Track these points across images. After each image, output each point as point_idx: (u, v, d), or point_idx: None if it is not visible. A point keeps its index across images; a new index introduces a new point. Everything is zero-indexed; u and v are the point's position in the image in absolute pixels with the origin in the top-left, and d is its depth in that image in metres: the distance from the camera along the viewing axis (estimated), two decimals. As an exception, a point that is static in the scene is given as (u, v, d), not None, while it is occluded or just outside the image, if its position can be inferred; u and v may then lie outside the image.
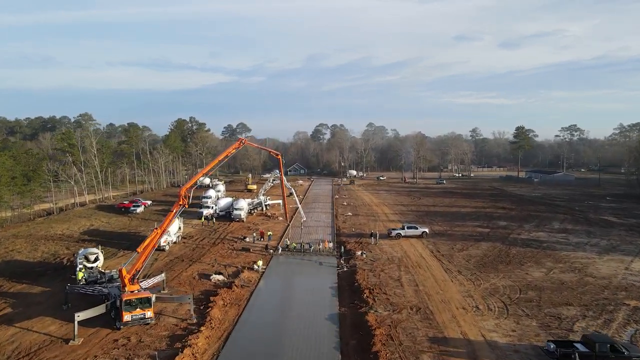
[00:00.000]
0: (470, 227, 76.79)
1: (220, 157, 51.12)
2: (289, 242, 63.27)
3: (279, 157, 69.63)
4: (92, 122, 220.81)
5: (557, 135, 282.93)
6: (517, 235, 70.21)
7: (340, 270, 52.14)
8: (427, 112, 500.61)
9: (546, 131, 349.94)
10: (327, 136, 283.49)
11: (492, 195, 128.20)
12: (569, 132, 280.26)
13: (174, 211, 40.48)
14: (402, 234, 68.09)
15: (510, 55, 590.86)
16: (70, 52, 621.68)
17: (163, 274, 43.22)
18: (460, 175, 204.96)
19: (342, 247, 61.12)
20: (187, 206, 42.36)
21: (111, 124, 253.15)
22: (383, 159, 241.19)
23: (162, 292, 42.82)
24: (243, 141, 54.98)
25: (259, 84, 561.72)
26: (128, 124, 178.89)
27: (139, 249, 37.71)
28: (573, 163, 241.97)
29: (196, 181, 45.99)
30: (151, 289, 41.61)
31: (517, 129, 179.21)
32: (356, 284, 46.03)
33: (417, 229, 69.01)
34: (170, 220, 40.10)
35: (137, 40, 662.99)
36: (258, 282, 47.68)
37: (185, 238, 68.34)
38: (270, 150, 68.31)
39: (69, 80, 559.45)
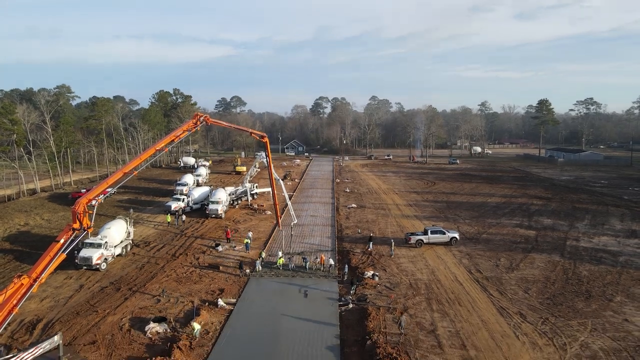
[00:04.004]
0: (508, 228, 60.01)
1: (159, 145, 33.94)
2: (279, 255, 46.76)
3: (265, 140, 52.32)
4: (70, 95, 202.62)
5: (571, 110, 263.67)
6: (576, 241, 53.52)
7: (344, 308, 35.65)
8: (433, 86, 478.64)
9: (557, 105, 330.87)
10: (328, 110, 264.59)
11: (517, 179, 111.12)
12: (584, 105, 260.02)
13: (61, 242, 23.56)
14: (425, 241, 51.45)
15: (524, 28, 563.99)
16: (77, 24, 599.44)
17: (57, 337, 26.57)
18: (485, 152, 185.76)
19: (347, 264, 44.44)
20: (90, 230, 25.49)
21: (94, 97, 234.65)
22: (388, 135, 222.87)
23: (57, 364, 26.44)
24: (202, 118, 37.66)
25: (266, 57, 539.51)
26: (121, 97, 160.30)
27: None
28: (592, 139, 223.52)
29: (103, 191, 28.76)
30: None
31: (540, 102, 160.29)
32: (369, 341, 29.52)
33: (444, 234, 52.24)
34: (48, 265, 23.18)
35: (145, 12, 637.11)
36: (219, 334, 31.19)
37: (138, 245, 51.75)
38: (251, 130, 51.01)
39: (75, 53, 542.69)
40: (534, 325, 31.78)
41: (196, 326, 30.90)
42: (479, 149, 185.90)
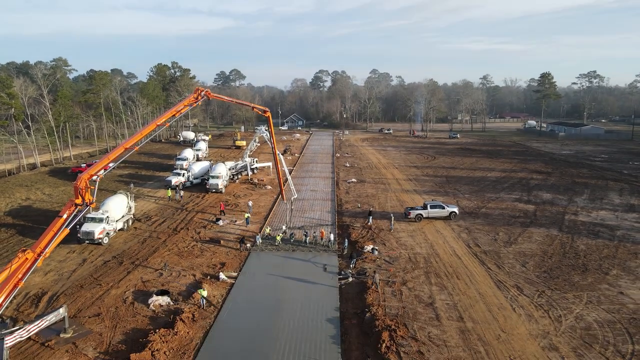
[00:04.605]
0: (508, 203, 60.32)
1: (160, 120, 33.81)
2: (284, 228, 47.25)
3: (268, 114, 51.84)
4: (67, 68, 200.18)
5: (574, 83, 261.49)
6: (574, 216, 53.88)
7: (344, 282, 36.18)
8: (434, 58, 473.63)
9: (559, 79, 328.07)
10: (328, 84, 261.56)
11: (518, 153, 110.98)
12: (587, 79, 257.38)
13: (64, 217, 23.76)
14: (425, 215, 51.78)
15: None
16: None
17: (62, 309, 27.11)
18: (540, 127, 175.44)
19: (347, 239, 44.84)
20: (93, 205, 25.66)
21: (92, 70, 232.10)
22: (388, 109, 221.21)
23: (62, 335, 27.06)
24: (203, 93, 37.34)
25: (266, 29, 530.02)
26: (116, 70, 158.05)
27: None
28: (594, 113, 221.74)
29: (109, 163, 28.68)
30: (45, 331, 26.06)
31: (542, 76, 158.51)
32: (368, 313, 30.12)
33: (443, 208, 52.51)
34: (52, 240, 23.42)
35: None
36: (221, 307, 31.78)
37: (139, 220, 52.15)
38: (253, 105, 50.38)
39: (71, 25, 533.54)
40: (530, 298, 32.35)
41: (203, 292, 31.87)
42: (533, 123, 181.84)
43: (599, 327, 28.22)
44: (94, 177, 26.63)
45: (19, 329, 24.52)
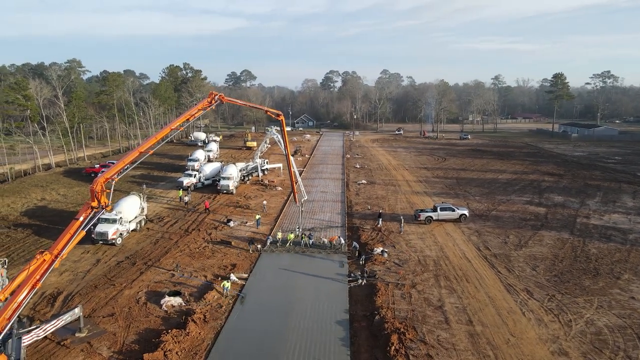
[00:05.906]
0: (519, 205, 60.01)
1: (174, 124, 34.24)
2: (297, 231, 47.42)
3: (281, 118, 51.31)
4: (81, 69, 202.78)
5: (587, 83, 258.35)
6: (586, 219, 53.46)
7: (353, 284, 36.39)
8: (445, 58, 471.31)
9: (572, 79, 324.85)
10: (338, 84, 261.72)
11: (529, 155, 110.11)
12: (601, 79, 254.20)
13: (81, 219, 24.30)
14: (434, 218, 51.77)
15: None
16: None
17: (77, 309, 27.74)
18: None
19: (356, 243, 44.91)
20: (108, 208, 26.17)
21: (105, 71, 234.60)
22: (399, 110, 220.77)
23: (77, 334, 27.68)
24: (216, 97, 37.66)
25: (278, 29, 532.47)
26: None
27: (1, 295, 21.95)
28: (608, 114, 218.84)
29: (124, 166, 29.11)
30: (60, 330, 26.68)
31: (555, 76, 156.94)
32: (377, 316, 30.31)
33: (453, 210, 52.45)
34: (69, 242, 23.96)
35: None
36: (231, 308, 32.21)
37: (152, 221, 52.85)
38: (266, 109, 49.96)
39: (84, 25, 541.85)
40: (540, 302, 32.29)
41: (226, 284, 33.74)
42: None
43: (609, 332, 28.12)
44: (110, 180, 27.17)
45: (36, 328, 25.19)
